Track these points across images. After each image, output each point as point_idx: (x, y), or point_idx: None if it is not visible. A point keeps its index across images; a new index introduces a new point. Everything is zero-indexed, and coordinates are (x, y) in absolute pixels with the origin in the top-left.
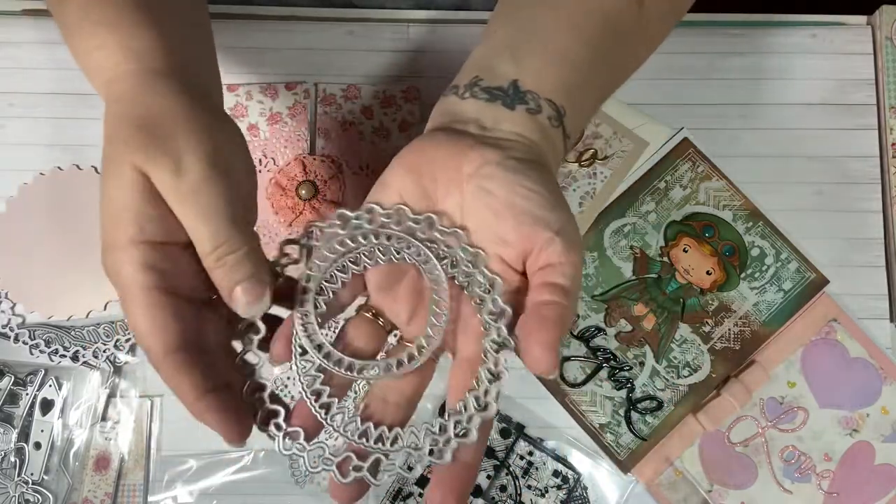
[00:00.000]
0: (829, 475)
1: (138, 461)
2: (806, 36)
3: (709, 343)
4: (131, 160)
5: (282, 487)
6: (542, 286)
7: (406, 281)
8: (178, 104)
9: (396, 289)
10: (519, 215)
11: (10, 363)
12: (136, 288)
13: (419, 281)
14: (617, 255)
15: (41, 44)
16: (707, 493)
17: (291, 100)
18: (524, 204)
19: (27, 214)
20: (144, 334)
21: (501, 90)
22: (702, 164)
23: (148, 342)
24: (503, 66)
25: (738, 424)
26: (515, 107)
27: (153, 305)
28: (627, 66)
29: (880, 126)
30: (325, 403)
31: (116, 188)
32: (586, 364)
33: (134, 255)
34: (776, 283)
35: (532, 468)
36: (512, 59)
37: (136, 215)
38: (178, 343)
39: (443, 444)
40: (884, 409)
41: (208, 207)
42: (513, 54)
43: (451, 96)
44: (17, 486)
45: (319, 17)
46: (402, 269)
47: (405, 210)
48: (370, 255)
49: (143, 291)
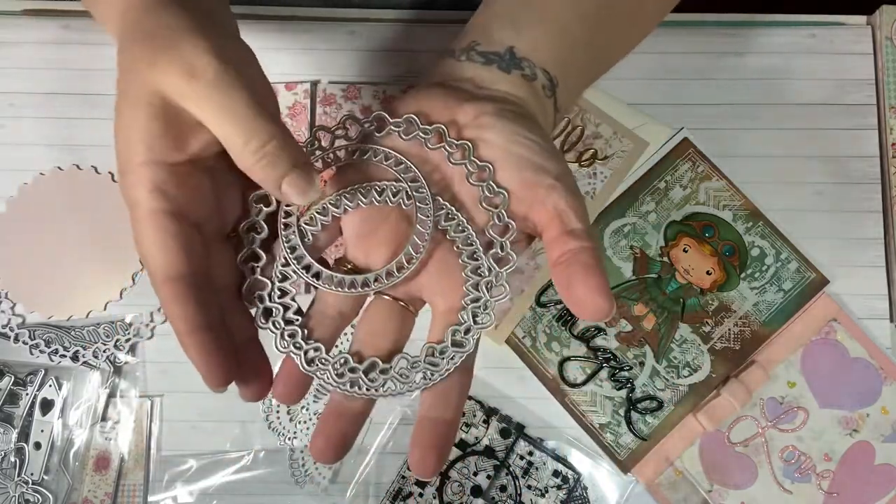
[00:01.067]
0: (829, 475)
1: (138, 461)
2: (806, 36)
3: (709, 343)
4: (143, 79)
5: (282, 487)
6: (564, 235)
7: (386, 226)
8: (186, 18)
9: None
10: (519, 162)
11: (10, 363)
12: (144, 210)
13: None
14: (617, 255)
15: (41, 44)
16: (707, 493)
17: (291, 100)
18: (523, 152)
19: (27, 214)
20: (148, 256)
21: (497, 55)
22: (702, 164)
23: (151, 265)
24: (500, 33)
25: (738, 424)
26: (511, 71)
27: (159, 228)
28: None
29: (880, 126)
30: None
31: (127, 109)
32: (586, 364)
33: (143, 177)
34: (776, 283)
35: (532, 468)
36: (510, 27)
37: (144, 134)
38: (181, 271)
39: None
40: (884, 409)
41: (231, 101)
42: (511, 22)
43: (447, 59)
44: (17, 486)
45: (320, 17)
46: (382, 213)
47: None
48: (351, 196)
49: (151, 214)
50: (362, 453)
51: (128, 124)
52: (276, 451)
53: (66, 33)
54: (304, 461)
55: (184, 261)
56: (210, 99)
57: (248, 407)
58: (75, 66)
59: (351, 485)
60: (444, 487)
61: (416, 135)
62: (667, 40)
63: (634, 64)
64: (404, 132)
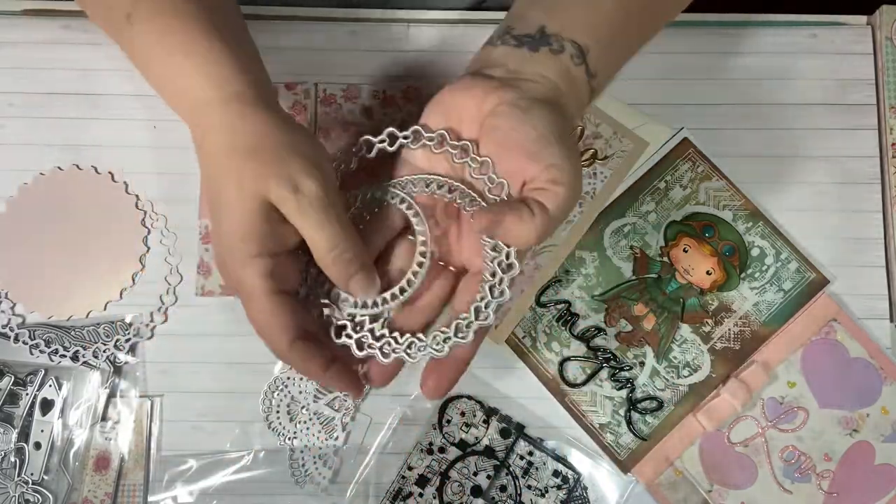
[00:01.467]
0: (829, 475)
1: (138, 461)
2: (806, 36)
3: (709, 343)
4: (252, 187)
5: (282, 487)
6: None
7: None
8: (272, 128)
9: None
10: (515, 149)
11: (10, 363)
12: (260, 293)
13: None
14: (617, 255)
15: (41, 44)
16: (707, 493)
17: (291, 100)
18: (522, 140)
19: (27, 214)
20: (270, 332)
21: (530, 37)
22: (702, 164)
23: (273, 339)
24: (533, 14)
25: (738, 424)
26: (539, 49)
27: (276, 306)
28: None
29: (880, 126)
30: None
31: (238, 211)
32: (586, 364)
33: (258, 267)
34: (776, 283)
35: (532, 468)
36: (542, 8)
37: (258, 235)
38: (298, 333)
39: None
40: (884, 409)
41: (325, 217)
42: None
43: (486, 46)
44: (17, 486)
45: (320, 17)
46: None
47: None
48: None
49: (267, 296)
50: (362, 453)
51: (240, 224)
52: (276, 451)
53: (66, 33)
54: (304, 461)
55: (298, 326)
56: (308, 215)
57: (248, 407)
58: (75, 66)
59: (351, 485)
60: (444, 487)
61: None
62: (667, 40)
63: (634, 64)
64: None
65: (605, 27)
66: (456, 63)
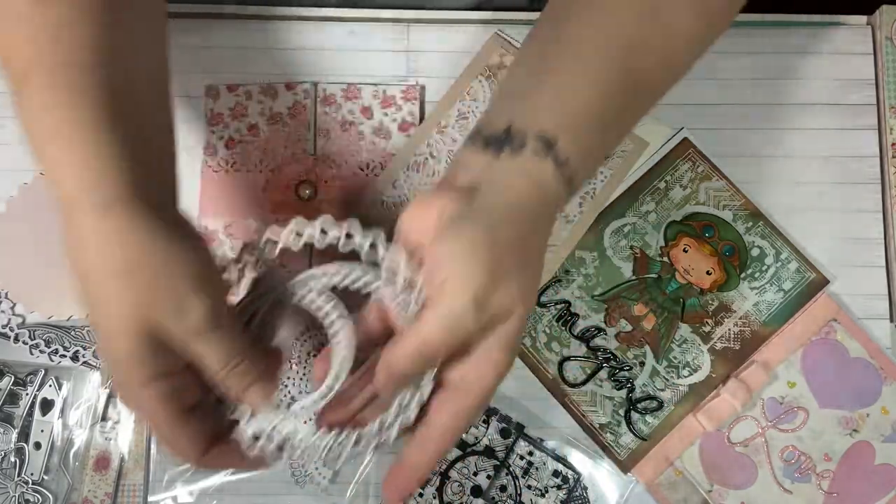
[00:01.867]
0: (829, 475)
1: (138, 461)
2: (806, 36)
3: (709, 343)
4: (134, 314)
5: (282, 487)
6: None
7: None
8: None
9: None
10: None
11: (10, 363)
12: (162, 417)
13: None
14: (617, 255)
15: None
16: (707, 493)
17: (291, 100)
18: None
19: (27, 214)
20: (179, 451)
21: (495, 137)
22: (702, 164)
23: (186, 455)
24: (503, 106)
25: (738, 424)
26: (503, 150)
27: (182, 426)
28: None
29: (880, 126)
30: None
31: (123, 340)
32: (586, 364)
33: (154, 391)
34: (776, 283)
35: (532, 468)
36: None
37: (148, 360)
38: (208, 443)
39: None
40: (884, 409)
41: (212, 336)
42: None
43: (463, 145)
44: (17, 486)
45: (320, 17)
46: None
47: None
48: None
49: (170, 419)
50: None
51: (126, 349)
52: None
53: None
54: (304, 461)
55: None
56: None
57: None
58: None
59: (351, 485)
60: (444, 487)
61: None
62: None
63: None
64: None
65: (579, 109)
66: (456, 63)
